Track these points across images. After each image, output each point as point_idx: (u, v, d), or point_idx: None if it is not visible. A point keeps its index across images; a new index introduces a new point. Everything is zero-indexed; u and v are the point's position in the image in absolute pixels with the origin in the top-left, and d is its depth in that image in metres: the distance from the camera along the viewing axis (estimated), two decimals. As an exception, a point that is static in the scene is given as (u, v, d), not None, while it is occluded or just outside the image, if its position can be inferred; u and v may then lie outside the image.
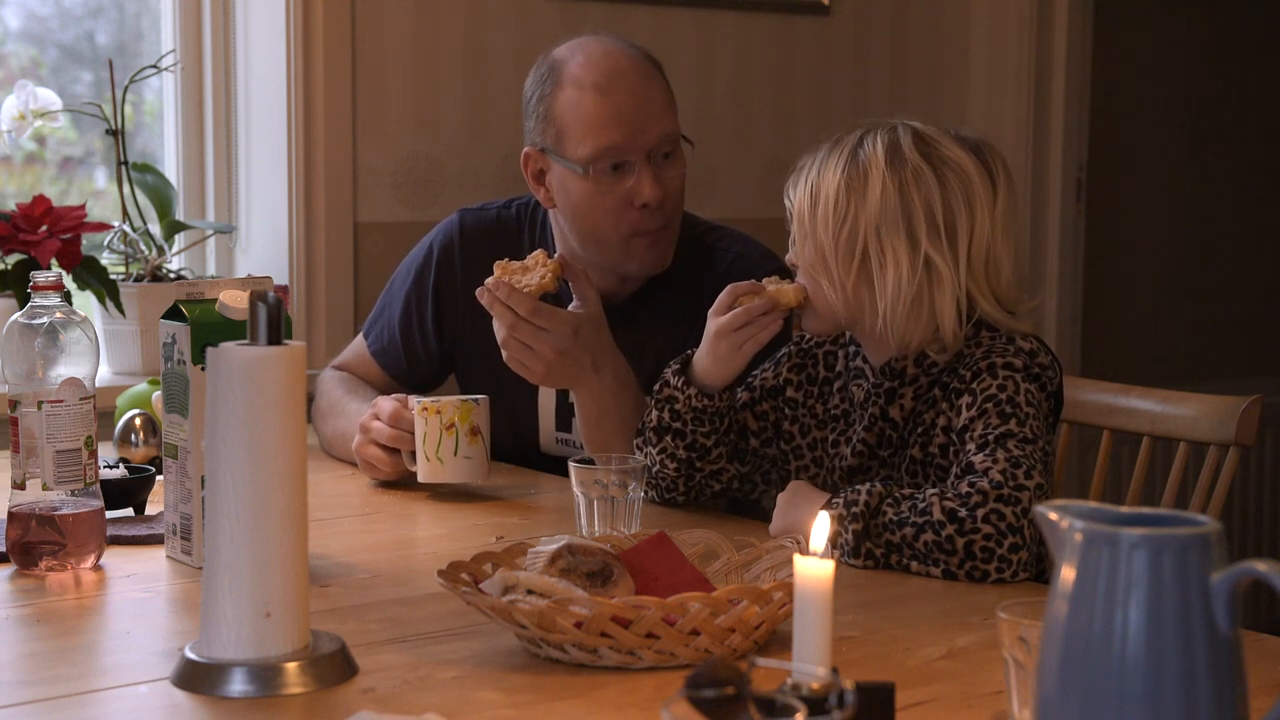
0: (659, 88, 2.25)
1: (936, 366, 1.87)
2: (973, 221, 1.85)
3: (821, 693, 1.05)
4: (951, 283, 1.84)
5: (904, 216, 1.83)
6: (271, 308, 1.37)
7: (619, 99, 2.21)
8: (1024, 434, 1.76)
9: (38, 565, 1.73)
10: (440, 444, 2.10)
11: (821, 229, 1.86)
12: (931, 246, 1.83)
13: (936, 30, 3.74)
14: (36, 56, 3.08)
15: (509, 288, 2.06)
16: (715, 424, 1.97)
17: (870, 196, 1.84)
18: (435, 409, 2.10)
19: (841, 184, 1.85)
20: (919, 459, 1.87)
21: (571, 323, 2.08)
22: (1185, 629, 0.98)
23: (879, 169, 1.84)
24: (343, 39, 2.97)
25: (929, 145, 1.86)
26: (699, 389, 1.96)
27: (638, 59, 2.26)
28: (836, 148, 1.89)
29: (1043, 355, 1.85)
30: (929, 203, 1.83)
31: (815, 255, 1.88)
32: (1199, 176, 4.22)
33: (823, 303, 1.90)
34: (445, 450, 2.10)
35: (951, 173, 1.85)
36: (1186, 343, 4.23)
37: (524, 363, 2.09)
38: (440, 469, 2.11)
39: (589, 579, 1.49)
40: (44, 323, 1.74)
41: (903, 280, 1.83)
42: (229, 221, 3.06)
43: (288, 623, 1.35)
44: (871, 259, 1.84)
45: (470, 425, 2.11)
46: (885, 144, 1.86)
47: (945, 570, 1.70)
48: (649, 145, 2.21)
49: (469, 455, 2.11)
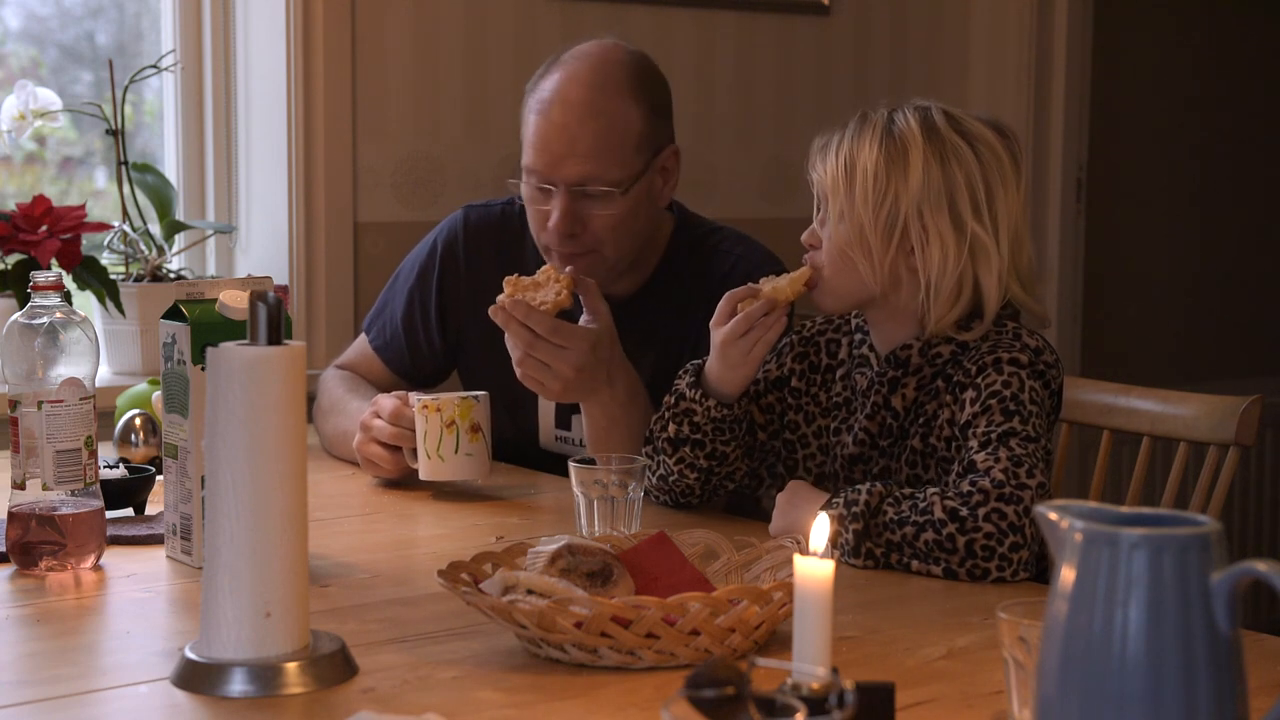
0: (596, 128, 2.19)
1: (941, 357, 1.87)
2: (1006, 198, 1.85)
3: (821, 693, 1.05)
4: (997, 260, 1.83)
5: (946, 192, 1.83)
6: (271, 308, 1.37)
7: (549, 128, 2.20)
8: (1027, 432, 1.76)
9: (38, 565, 1.73)
10: (441, 442, 2.10)
11: (860, 204, 1.84)
12: (976, 223, 1.83)
13: (936, 30, 3.74)
14: (36, 56, 3.08)
15: (527, 306, 2.04)
16: (735, 431, 1.96)
17: (912, 172, 1.83)
18: (435, 406, 2.10)
19: (881, 160, 1.84)
20: (919, 450, 1.87)
21: (590, 339, 2.07)
22: (1185, 629, 0.98)
23: (918, 145, 1.83)
24: (343, 39, 2.97)
25: (959, 122, 1.86)
26: (717, 399, 1.96)
27: (591, 88, 2.20)
28: (866, 124, 1.87)
29: (1048, 353, 1.85)
30: (970, 178, 1.83)
31: (853, 232, 1.86)
32: (1199, 176, 4.22)
33: (849, 281, 1.88)
34: (446, 448, 2.10)
35: (985, 148, 1.85)
36: (1186, 343, 4.23)
37: (541, 380, 2.08)
38: (441, 467, 2.11)
39: (589, 579, 1.49)
40: (44, 323, 1.74)
41: (949, 259, 1.83)
42: (229, 221, 3.06)
43: (288, 623, 1.35)
44: (912, 235, 1.84)
45: (471, 422, 2.10)
46: (919, 120, 1.85)
47: (946, 569, 1.70)
48: (566, 179, 2.19)
49: (470, 452, 2.11)
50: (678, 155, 2.31)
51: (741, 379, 1.95)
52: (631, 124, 2.21)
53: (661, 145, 2.27)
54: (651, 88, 2.26)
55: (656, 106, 2.26)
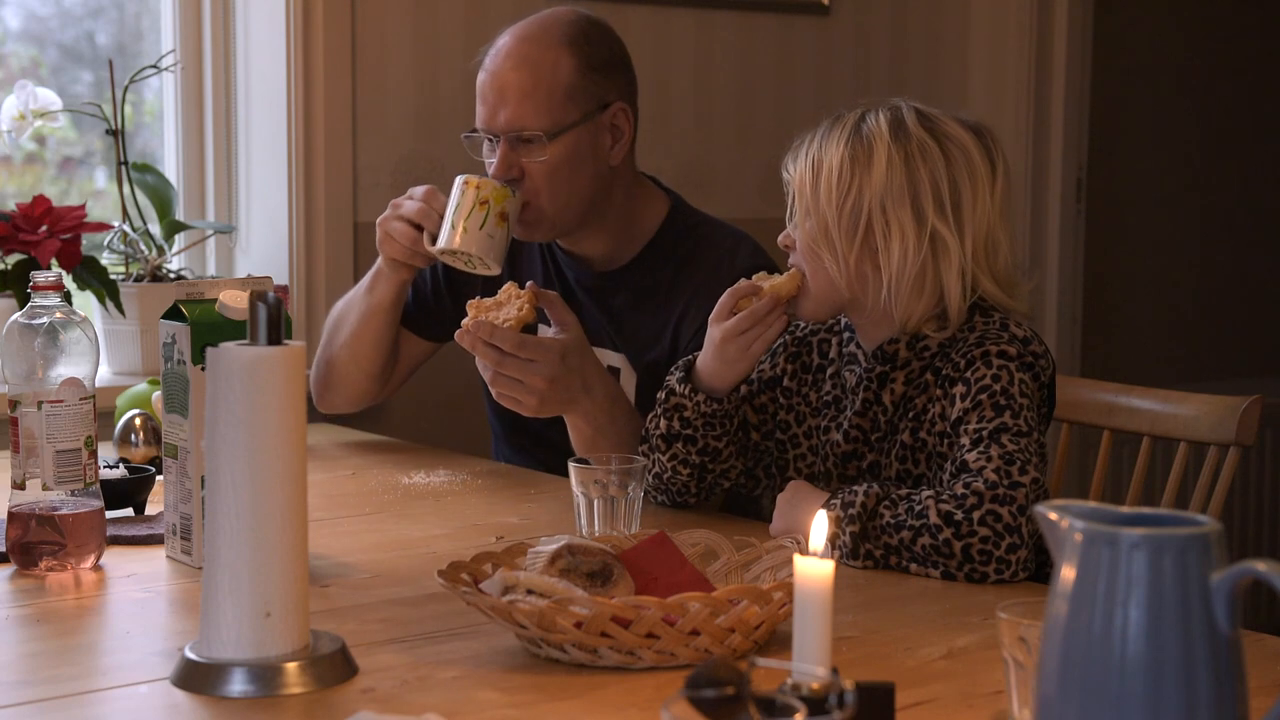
0: (523, 74, 2.28)
1: (929, 350, 1.87)
2: (975, 198, 1.85)
3: (821, 693, 1.05)
4: (958, 257, 1.84)
5: (909, 189, 1.83)
6: (271, 308, 1.37)
7: (485, 77, 2.32)
8: (1018, 426, 1.76)
9: (38, 565, 1.73)
10: (470, 214, 2.19)
11: (825, 201, 1.86)
12: (938, 220, 1.83)
13: (936, 30, 3.74)
14: (36, 56, 3.08)
15: (490, 326, 2.06)
16: (725, 426, 1.97)
17: (875, 169, 1.84)
18: (475, 183, 2.20)
19: (845, 156, 1.85)
20: (909, 444, 1.87)
21: (558, 349, 2.08)
22: (1185, 629, 0.98)
23: (883, 141, 1.84)
24: (343, 39, 2.97)
25: (931, 122, 1.87)
26: (706, 394, 1.96)
27: (524, 40, 2.30)
28: (838, 124, 1.89)
29: (1036, 344, 1.85)
30: (934, 176, 1.84)
31: (818, 229, 1.87)
32: (1199, 176, 4.22)
33: (821, 284, 1.89)
34: (473, 221, 2.19)
35: (955, 148, 1.86)
36: (1186, 343, 4.23)
37: (515, 397, 2.10)
38: (464, 237, 2.19)
39: (589, 579, 1.49)
40: (44, 323, 1.74)
41: (909, 253, 1.83)
42: (229, 221, 3.06)
43: (288, 623, 1.35)
44: (876, 232, 1.84)
45: (501, 209, 2.20)
46: (889, 119, 1.87)
47: (945, 572, 1.70)
48: (500, 127, 2.28)
49: (492, 234, 2.20)
50: (628, 114, 2.35)
51: (735, 375, 1.96)
52: (560, 73, 2.29)
53: (607, 102, 2.32)
54: (591, 43, 2.33)
55: (595, 62, 2.32)
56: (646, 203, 2.42)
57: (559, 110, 2.28)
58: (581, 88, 2.30)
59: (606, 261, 2.39)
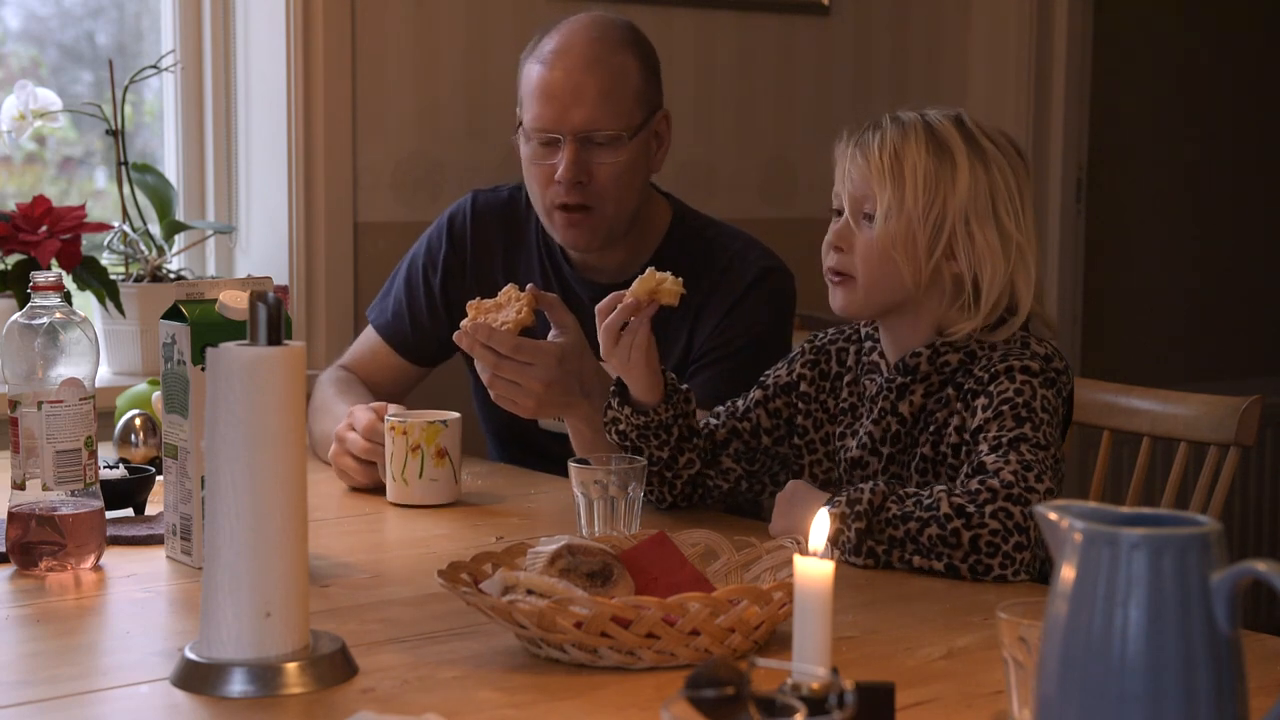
0: (601, 75, 2.28)
1: (949, 365, 1.88)
2: (1027, 205, 1.89)
3: (821, 693, 1.05)
4: (1034, 265, 1.87)
5: (990, 201, 1.85)
6: (271, 308, 1.37)
7: (554, 76, 2.29)
8: (1037, 439, 1.76)
9: (38, 565, 1.73)
10: (406, 465, 2.08)
11: (911, 203, 1.84)
12: (1017, 230, 1.85)
13: (936, 30, 3.74)
14: (36, 56, 3.08)
15: (487, 328, 2.05)
16: (664, 437, 1.97)
17: (960, 175, 1.84)
18: (402, 429, 2.08)
19: (930, 159, 1.84)
20: (930, 457, 1.87)
21: (555, 352, 2.07)
22: (1185, 629, 0.98)
23: (960, 148, 1.85)
24: (343, 39, 2.97)
25: (986, 132, 1.89)
26: (633, 408, 1.97)
27: (594, 42, 2.29)
28: (901, 124, 1.87)
29: (1057, 359, 1.85)
30: (1007, 184, 1.86)
31: (901, 230, 1.85)
32: (1199, 176, 4.22)
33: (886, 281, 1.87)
34: (410, 472, 2.08)
35: (1013, 155, 1.89)
36: (1186, 343, 4.23)
37: (513, 399, 2.09)
38: (405, 490, 2.09)
39: (589, 579, 1.49)
40: (44, 323, 1.74)
41: (998, 268, 1.85)
42: (229, 221, 3.06)
43: (288, 623, 1.35)
44: (958, 240, 1.85)
45: (437, 447, 2.09)
46: (954, 123, 1.87)
47: (948, 564, 1.70)
48: (573, 127, 2.27)
49: (434, 478, 2.09)
50: (669, 120, 2.39)
51: (641, 387, 1.96)
52: (631, 76, 2.31)
53: (656, 107, 2.36)
54: (645, 48, 2.36)
55: (651, 66, 2.36)
56: (652, 209, 2.42)
57: (632, 113, 2.31)
58: (644, 92, 2.33)
59: (620, 273, 2.36)
